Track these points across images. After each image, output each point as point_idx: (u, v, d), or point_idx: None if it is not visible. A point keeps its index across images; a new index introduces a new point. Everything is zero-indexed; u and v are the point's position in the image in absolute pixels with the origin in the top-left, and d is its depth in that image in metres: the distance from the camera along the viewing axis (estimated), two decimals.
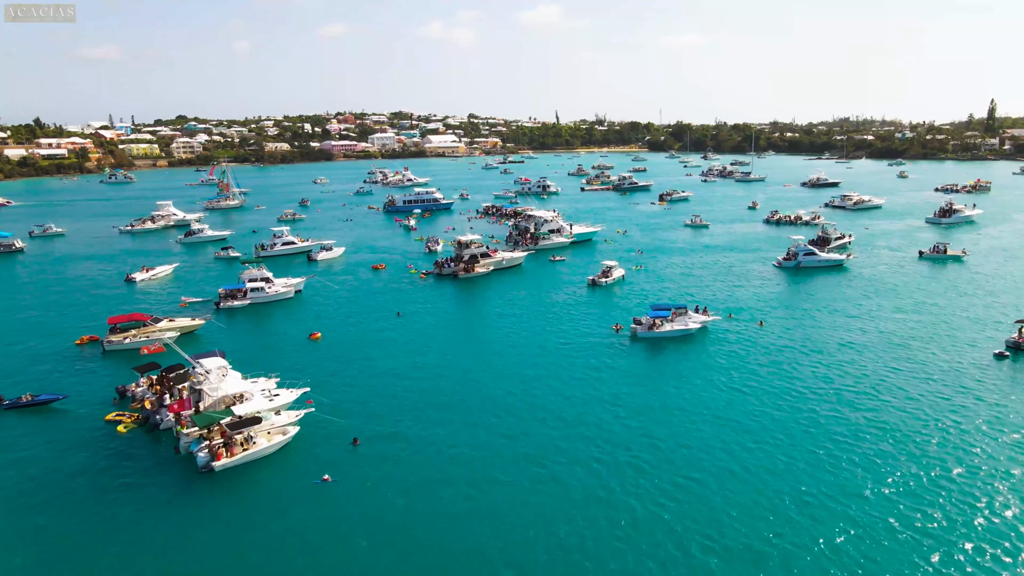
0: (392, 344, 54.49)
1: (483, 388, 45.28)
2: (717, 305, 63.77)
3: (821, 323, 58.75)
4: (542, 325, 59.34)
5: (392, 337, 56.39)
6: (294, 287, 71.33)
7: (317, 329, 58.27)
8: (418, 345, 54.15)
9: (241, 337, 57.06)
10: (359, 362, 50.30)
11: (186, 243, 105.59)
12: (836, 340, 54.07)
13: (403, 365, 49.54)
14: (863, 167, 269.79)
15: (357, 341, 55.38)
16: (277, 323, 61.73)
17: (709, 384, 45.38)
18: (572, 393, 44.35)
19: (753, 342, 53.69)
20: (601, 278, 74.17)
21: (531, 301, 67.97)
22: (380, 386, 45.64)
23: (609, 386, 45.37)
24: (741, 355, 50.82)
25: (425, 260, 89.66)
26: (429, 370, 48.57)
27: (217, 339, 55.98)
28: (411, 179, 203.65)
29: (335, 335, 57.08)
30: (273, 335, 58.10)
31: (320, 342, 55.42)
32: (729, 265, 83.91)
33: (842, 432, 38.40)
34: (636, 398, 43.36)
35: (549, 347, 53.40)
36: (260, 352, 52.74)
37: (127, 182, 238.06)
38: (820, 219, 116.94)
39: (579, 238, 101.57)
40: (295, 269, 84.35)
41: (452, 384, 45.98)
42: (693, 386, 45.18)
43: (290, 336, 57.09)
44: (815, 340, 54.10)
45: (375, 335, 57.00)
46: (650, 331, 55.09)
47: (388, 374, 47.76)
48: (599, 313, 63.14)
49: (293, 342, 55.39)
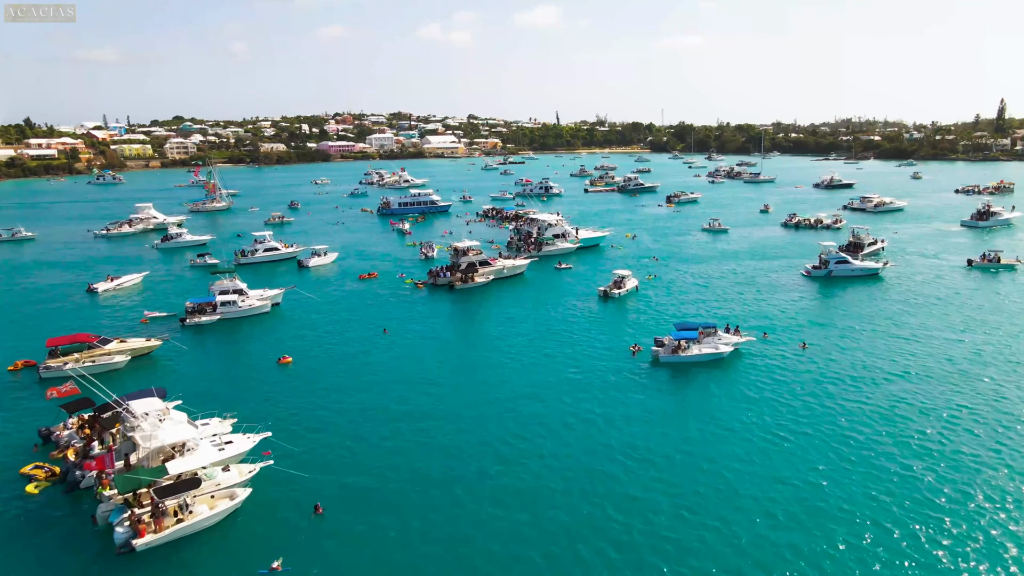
0: (374, 370, 47.00)
1: (477, 430, 37.81)
2: (745, 321, 56.37)
3: (867, 345, 51.23)
4: (548, 346, 51.89)
5: (375, 361, 48.92)
6: (271, 300, 63.93)
7: (290, 350, 50.80)
8: (403, 372, 46.66)
9: (201, 362, 49.53)
10: (333, 394, 42.75)
11: (162, 248, 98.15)
12: (888, 367, 46.57)
13: (384, 399, 41.99)
14: (873, 168, 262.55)
15: (334, 366, 47.89)
16: (245, 343, 54.25)
17: (751, 428, 37.80)
18: (584, 439, 36.93)
19: (796, 370, 46.11)
20: (613, 289, 66.76)
21: (535, 316, 60.56)
22: (354, 427, 38.19)
23: (627, 429, 37.89)
24: (784, 387, 43.28)
25: (420, 267, 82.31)
26: (414, 405, 41.05)
27: (174, 364, 48.60)
28: (408, 180, 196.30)
29: (309, 358, 49.58)
30: (238, 359, 50.54)
31: (291, 368, 47.90)
32: (752, 274, 76.47)
33: (924, 506, 30.98)
34: (660, 447, 35.84)
35: (556, 375, 45.94)
36: (219, 382, 45.22)
37: (115, 183, 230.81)
38: (842, 222, 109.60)
39: (585, 243, 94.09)
40: (280, 278, 77.07)
41: (440, 425, 38.50)
42: (731, 430, 37.69)
43: (257, 360, 49.51)
44: (865, 367, 46.56)
45: (355, 358, 49.52)
46: (674, 355, 47.67)
47: (365, 411, 40.25)
48: (613, 331, 55.73)
49: (259, 368, 47.81)
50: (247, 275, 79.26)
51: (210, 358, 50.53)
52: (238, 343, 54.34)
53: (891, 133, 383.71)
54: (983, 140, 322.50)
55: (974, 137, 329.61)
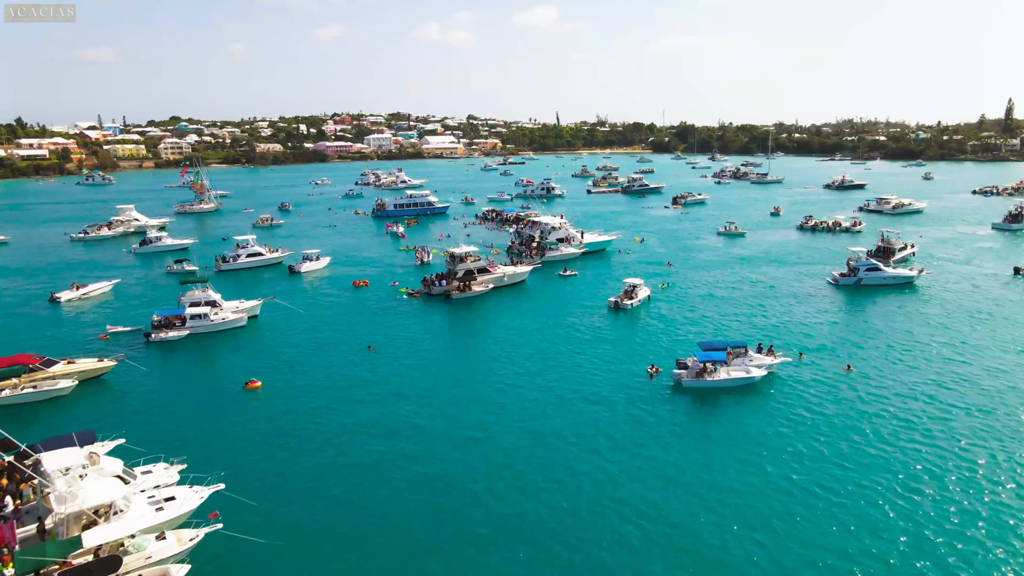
0: (353, 398, 40.97)
1: (466, 480, 31.90)
2: (773, 336, 50.47)
3: (919, 368, 45.11)
4: (552, 369, 45.91)
5: (355, 385, 42.88)
6: (247, 312, 57.99)
7: (261, 372, 44.77)
8: (386, 400, 40.64)
9: (157, 387, 43.41)
10: (303, 431, 36.58)
11: (140, 253, 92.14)
12: (949, 396, 40.46)
13: (360, 436, 35.91)
14: (880, 168, 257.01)
15: (307, 392, 41.82)
16: (213, 364, 48.20)
17: (793, 477, 31.71)
18: (592, 489, 31.00)
19: (843, 399, 39.98)
20: (625, 300, 60.83)
21: (538, 331, 54.58)
22: (324, 474, 32.20)
23: (644, 478, 31.94)
24: (831, 421, 37.18)
25: (415, 274, 76.41)
26: (395, 445, 35.00)
27: (126, 390, 42.60)
28: (405, 181, 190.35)
29: (281, 382, 43.47)
30: (201, 383, 44.32)
31: (259, 394, 41.84)
32: (773, 282, 70.47)
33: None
34: (685, 503, 29.89)
35: (561, 408, 39.99)
36: (174, 413, 39.08)
37: (105, 184, 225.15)
38: (861, 225, 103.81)
39: (591, 248, 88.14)
40: (265, 286, 71.27)
41: (424, 472, 32.56)
42: (770, 479, 31.74)
43: (223, 385, 43.40)
44: (926, 397, 40.32)
45: (333, 382, 43.45)
46: (699, 379, 41.73)
47: (338, 452, 34.25)
48: (626, 349, 49.77)
49: (223, 395, 41.73)
50: (228, 283, 73.70)
51: (169, 382, 44.36)
52: (205, 363, 48.32)
53: (895, 133, 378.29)
54: (991, 140, 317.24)
55: (982, 137, 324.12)
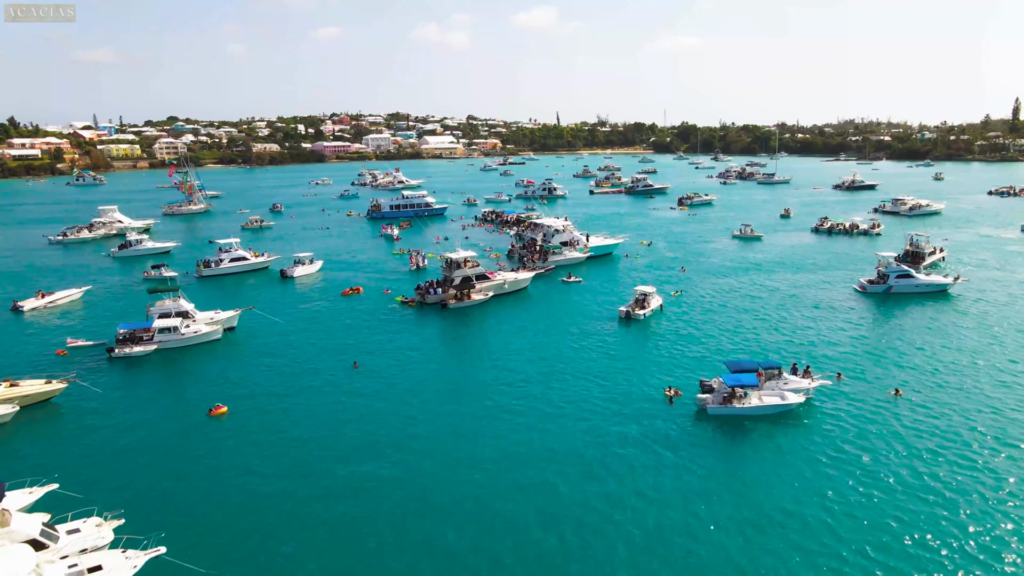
0: (330, 426, 35.92)
1: (451, 529, 26.91)
2: (798, 349, 45.47)
3: (969, 391, 39.91)
4: (559, 389, 40.88)
5: (335, 411, 37.87)
6: (223, 323, 52.95)
7: (230, 396, 39.69)
8: (367, 428, 35.65)
9: (108, 414, 38.08)
10: (269, 471, 31.31)
11: (119, 257, 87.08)
12: (1006, 423, 35.63)
13: (334, 475, 30.89)
14: (888, 169, 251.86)
15: (278, 419, 36.73)
16: (177, 385, 43.10)
17: (843, 536, 26.65)
18: (603, 549, 26.01)
19: (894, 432, 34.66)
20: (637, 309, 55.82)
21: (543, 346, 49.53)
22: (290, 532, 27.21)
23: (664, 534, 26.95)
24: (883, 458, 32.01)
25: (409, 280, 71.41)
26: (373, 489, 29.96)
27: (73, 418, 37.54)
28: (403, 181, 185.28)
29: (250, 408, 38.32)
30: (160, 409, 39.03)
31: (223, 423, 36.72)
32: (794, 290, 65.41)
33: None
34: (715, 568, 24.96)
35: (566, 440, 34.98)
36: (121, 450, 33.78)
37: (96, 184, 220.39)
38: (880, 227, 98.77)
39: (596, 252, 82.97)
40: (249, 292, 66.37)
41: (407, 522, 27.56)
42: (814, 535, 26.70)
43: (184, 411, 38.28)
44: (980, 428, 35.55)
45: (311, 407, 38.43)
46: (727, 406, 36.69)
47: (306, 494, 29.22)
48: (640, 366, 44.73)
49: (183, 423, 36.60)
50: (210, 290, 68.89)
51: (124, 407, 39.15)
52: (169, 384, 43.23)
53: (899, 133, 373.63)
54: (999, 140, 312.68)
55: (989, 137, 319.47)
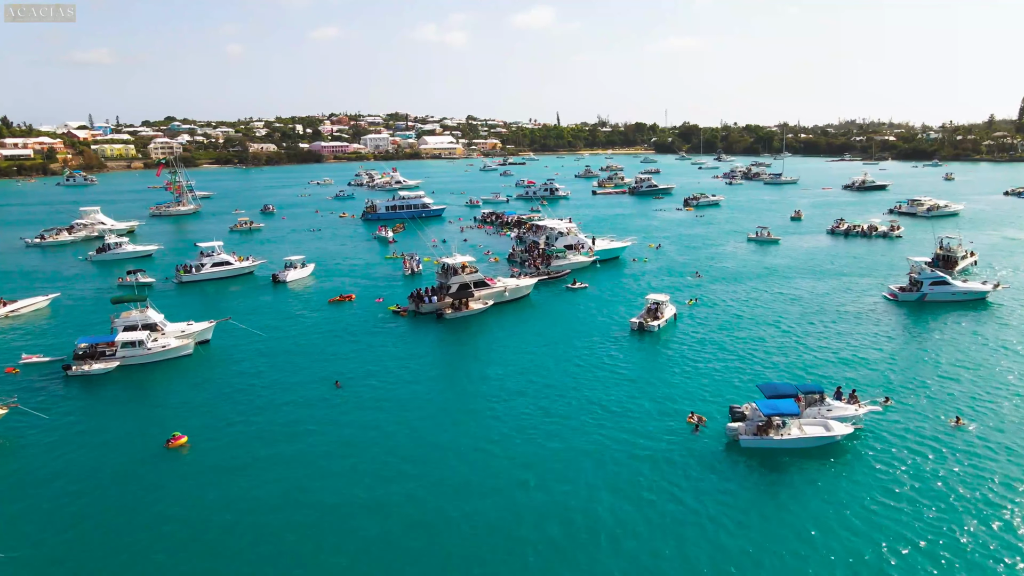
0: (302, 460, 31.10)
1: None
2: (831, 368, 40.72)
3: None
4: (565, 415, 36.09)
5: (311, 439, 33.02)
6: (195, 337, 48.13)
7: (193, 423, 34.80)
8: (347, 459, 30.86)
9: (48, 450, 32.78)
10: (228, 521, 26.45)
11: (97, 261, 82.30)
12: None
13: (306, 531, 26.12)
14: (895, 169, 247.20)
15: (246, 450, 31.87)
16: (136, 409, 38.18)
17: None
18: None
19: (961, 471, 29.72)
20: (650, 320, 51.04)
21: (548, 362, 44.71)
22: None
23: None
24: (954, 507, 27.27)
25: (403, 286, 66.77)
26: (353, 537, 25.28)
27: (8, 451, 32.68)
28: (400, 181, 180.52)
29: (216, 436, 33.41)
30: (110, 439, 33.91)
31: (183, 457, 31.75)
32: (818, 298, 60.58)
33: None
34: None
35: (573, 475, 30.21)
36: (52, 497, 28.77)
37: (87, 184, 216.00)
38: (899, 229, 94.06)
39: (602, 256, 78.06)
40: (231, 300, 61.71)
41: None
42: None
43: (138, 442, 33.23)
44: None
45: (283, 434, 33.54)
46: (763, 438, 31.88)
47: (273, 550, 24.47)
48: (656, 387, 39.94)
49: (133, 459, 31.53)
50: (190, 296, 64.36)
51: (67, 439, 33.97)
52: (126, 407, 38.35)
53: (902, 133, 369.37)
54: (1006, 140, 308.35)
55: (996, 137, 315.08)
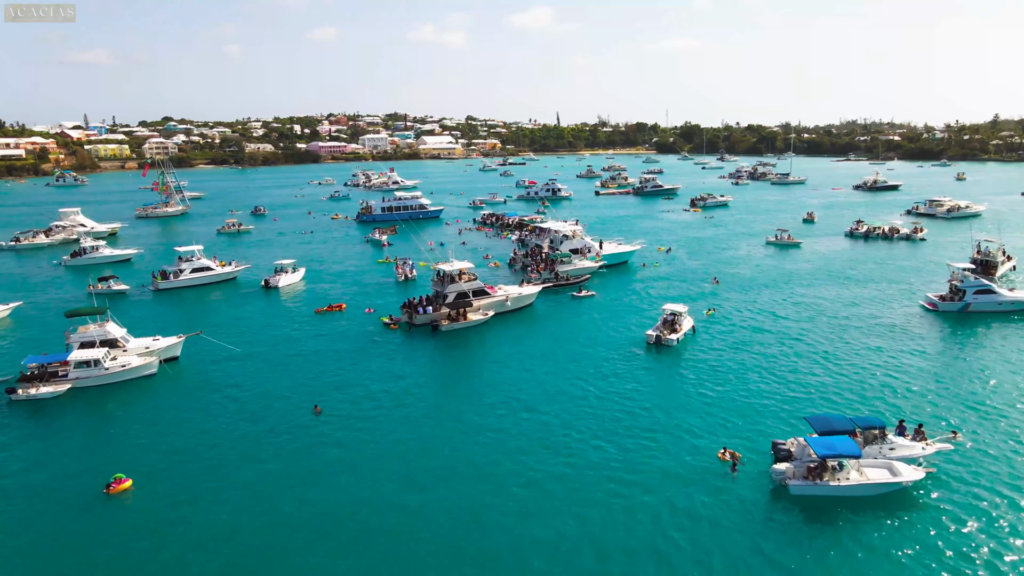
0: (273, 503, 26.12)
1: None
2: (874, 391, 35.74)
3: None
4: (578, 450, 31.10)
5: (281, 480, 27.96)
6: (160, 354, 43.03)
7: (145, 460, 29.75)
8: (322, 512, 25.84)
9: None
10: None
11: (72, 266, 77.25)
12: None
13: None
14: (903, 169, 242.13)
15: (204, 494, 26.79)
16: (81, 442, 33.02)
17: None
18: None
19: None
20: (668, 333, 46.02)
21: (556, 383, 39.69)
22: None
23: None
24: None
25: (395, 294, 61.81)
26: None
27: None
28: (397, 181, 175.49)
29: (166, 480, 28.35)
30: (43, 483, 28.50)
31: (124, 505, 26.56)
32: (848, 309, 55.47)
33: None
34: None
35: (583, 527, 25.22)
36: None
37: (77, 185, 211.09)
38: (923, 231, 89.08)
39: (609, 261, 72.97)
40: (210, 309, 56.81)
41: None
42: None
43: (73, 486, 28.03)
44: None
45: (249, 474, 28.53)
46: (817, 483, 26.83)
47: None
48: (681, 414, 34.90)
49: (65, 509, 26.49)
50: (166, 305, 59.55)
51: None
52: (71, 441, 33.18)
53: (906, 133, 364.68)
54: (1013, 139, 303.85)
55: (1003, 137, 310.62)
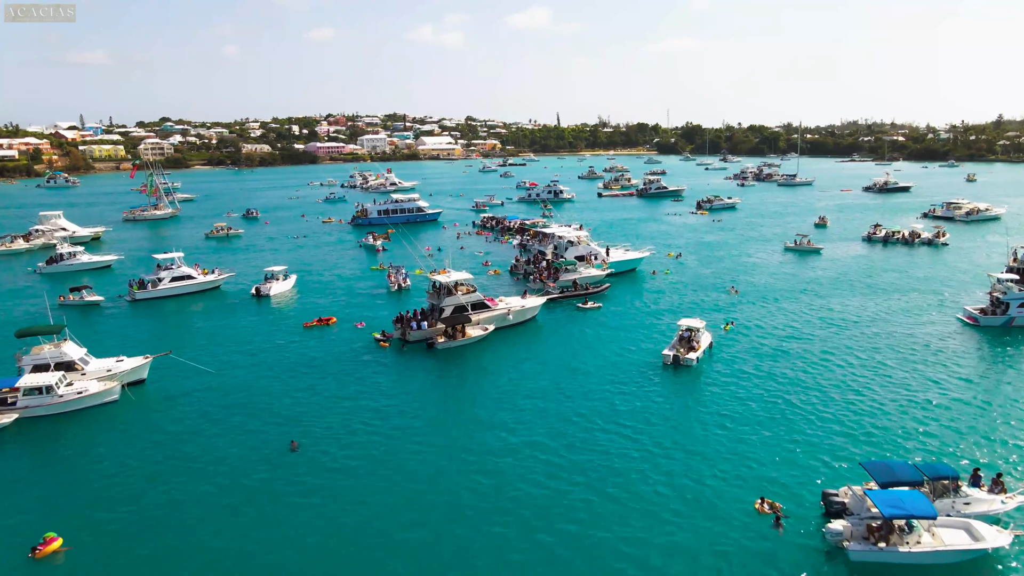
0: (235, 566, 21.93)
1: None
2: (919, 424, 31.54)
3: None
4: (588, 502, 26.83)
5: (248, 534, 23.73)
6: (123, 378, 38.73)
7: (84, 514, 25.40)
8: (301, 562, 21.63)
9: None
10: None
11: (47, 274, 72.95)
12: None
13: None
14: (907, 170, 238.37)
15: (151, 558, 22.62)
16: (18, 488, 28.70)
17: None
18: None
19: None
20: (685, 352, 41.74)
21: (564, 411, 35.37)
22: None
23: None
24: None
25: (388, 305, 57.55)
26: None
27: None
28: (395, 183, 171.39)
29: (107, 531, 24.06)
30: None
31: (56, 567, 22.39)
32: (878, 323, 51.14)
33: None
34: None
35: None
36: None
37: (68, 186, 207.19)
38: (946, 236, 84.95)
39: (617, 268, 68.35)
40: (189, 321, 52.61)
41: None
42: None
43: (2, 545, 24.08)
44: None
45: (201, 534, 24.22)
46: (879, 549, 22.55)
47: None
48: (705, 452, 30.58)
49: None
50: (143, 318, 55.62)
51: None
52: (8, 484, 28.91)
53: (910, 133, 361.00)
54: (1019, 139, 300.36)
55: (1009, 137, 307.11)
